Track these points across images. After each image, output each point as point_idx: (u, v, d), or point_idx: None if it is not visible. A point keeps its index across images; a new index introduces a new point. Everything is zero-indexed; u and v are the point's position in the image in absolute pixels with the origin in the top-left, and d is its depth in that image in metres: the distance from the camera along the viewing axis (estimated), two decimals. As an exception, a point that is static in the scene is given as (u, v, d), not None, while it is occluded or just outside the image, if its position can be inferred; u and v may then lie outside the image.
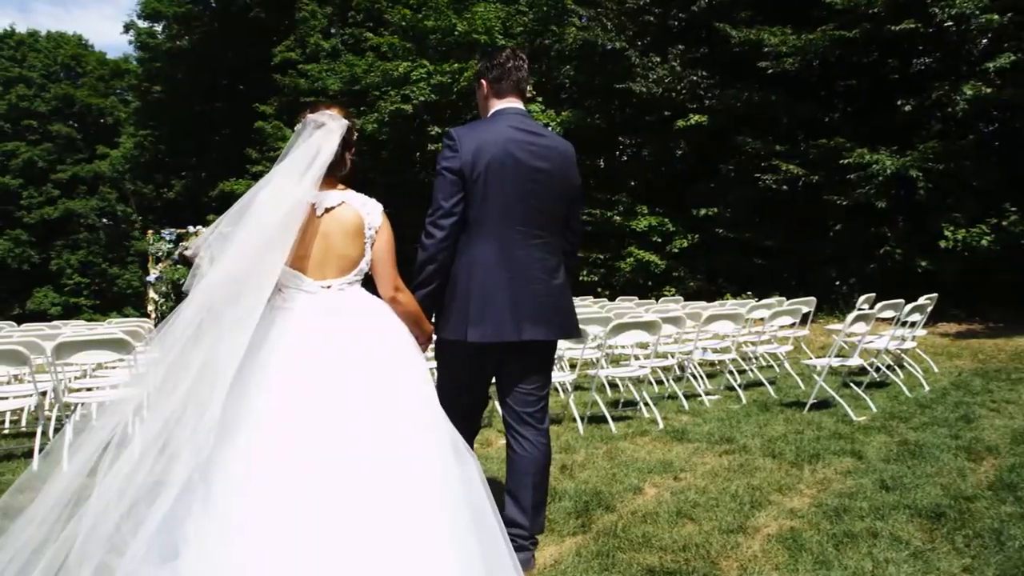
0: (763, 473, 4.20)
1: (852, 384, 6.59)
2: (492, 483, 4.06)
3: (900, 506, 3.53)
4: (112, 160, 33.33)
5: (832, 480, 4.07)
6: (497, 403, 3.20)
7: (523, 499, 2.92)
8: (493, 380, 3.14)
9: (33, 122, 37.71)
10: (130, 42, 32.36)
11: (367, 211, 2.55)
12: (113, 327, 7.06)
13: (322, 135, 2.50)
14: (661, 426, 5.53)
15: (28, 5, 79.00)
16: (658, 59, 16.78)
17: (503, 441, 5.22)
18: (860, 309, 7.84)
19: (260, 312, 2.33)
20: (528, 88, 3.08)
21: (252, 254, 2.32)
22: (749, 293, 16.69)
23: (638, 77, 16.63)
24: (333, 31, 25.54)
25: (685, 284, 18.46)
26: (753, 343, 8.08)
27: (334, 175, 2.55)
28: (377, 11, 23.15)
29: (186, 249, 2.58)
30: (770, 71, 14.76)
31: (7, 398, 5.41)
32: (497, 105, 3.01)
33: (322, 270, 2.50)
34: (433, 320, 2.93)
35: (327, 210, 2.51)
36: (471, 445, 2.87)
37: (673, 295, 17.89)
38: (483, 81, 3.05)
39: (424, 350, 2.65)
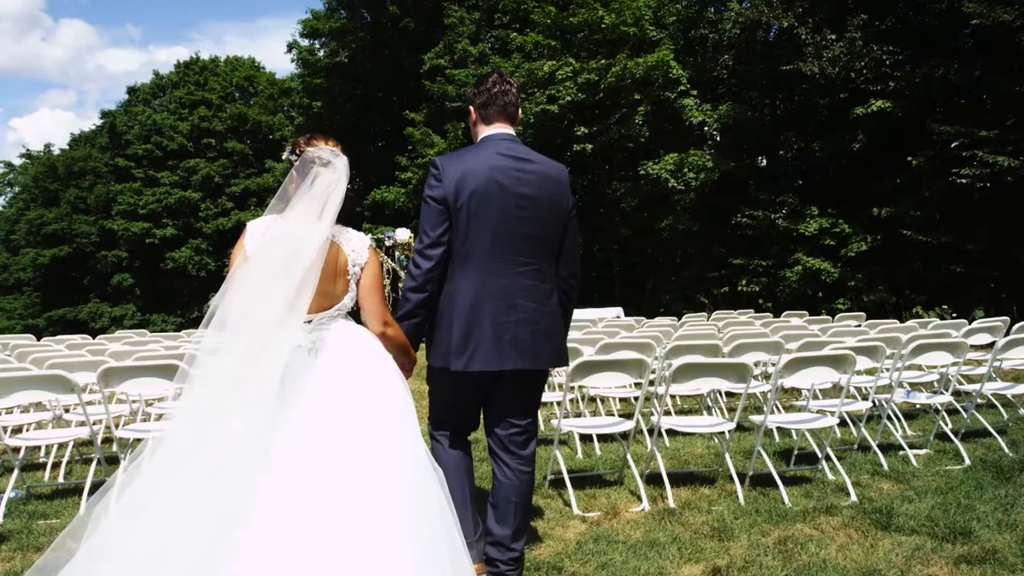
0: (1035, 606, 2.70)
1: None
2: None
3: None
4: (276, 174, 35.10)
5: None
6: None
7: (506, 520, 2.91)
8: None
9: (212, 140, 40.65)
10: (292, 60, 33.86)
11: (352, 247, 2.51)
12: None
13: (330, 174, 2.45)
14: (854, 498, 4.06)
15: (222, 38, 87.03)
16: (833, 36, 14.66)
17: (634, 507, 4.00)
18: None
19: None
20: (519, 113, 3.05)
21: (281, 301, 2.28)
22: (945, 307, 14.22)
23: (809, 57, 14.58)
24: (481, 36, 25.23)
25: (862, 295, 16.15)
26: (969, 377, 6.29)
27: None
28: (523, 12, 22.51)
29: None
30: (976, 23, 12.23)
31: (73, 425, 4.91)
32: (485, 131, 2.97)
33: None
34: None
35: None
36: (469, 453, 3.06)
37: (847, 308, 15.70)
38: (471, 108, 3.02)
39: (408, 376, 2.64)
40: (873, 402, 5.47)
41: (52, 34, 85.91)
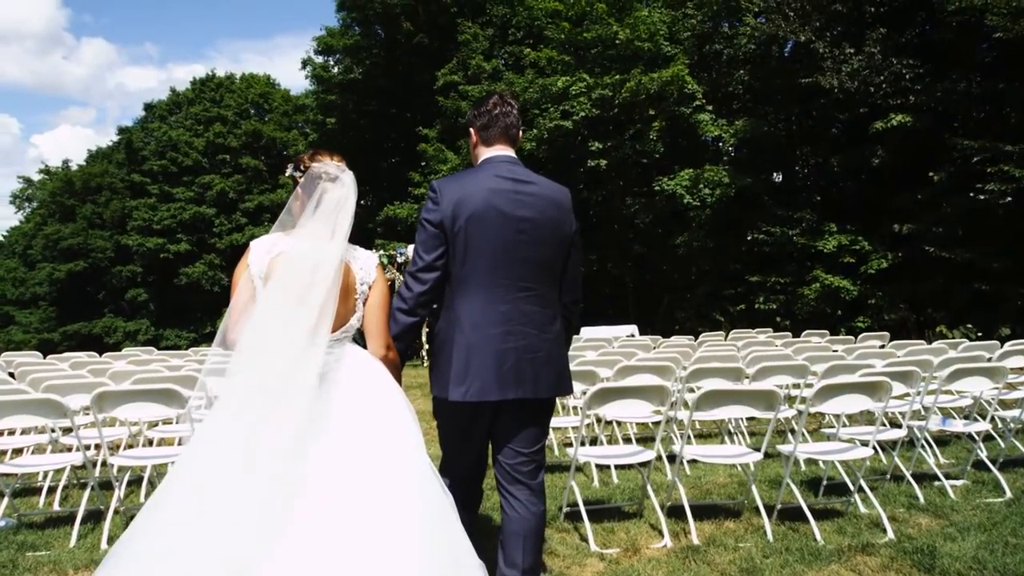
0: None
1: None
2: None
3: None
4: (290, 189, 35.18)
5: None
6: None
7: (515, 560, 2.76)
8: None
9: (226, 156, 40.84)
10: (306, 77, 33.97)
11: (360, 266, 2.47)
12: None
13: (338, 189, 2.40)
14: (891, 535, 3.81)
15: (238, 56, 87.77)
16: (851, 50, 14.43)
17: (655, 543, 3.76)
18: None
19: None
20: (520, 135, 2.96)
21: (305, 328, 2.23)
22: (969, 326, 13.87)
23: (827, 71, 14.35)
24: (495, 52, 25.18)
25: (883, 314, 15.80)
26: (1004, 402, 6.00)
27: None
28: (537, 27, 22.44)
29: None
30: (998, 35, 11.98)
31: (74, 450, 4.71)
32: (485, 153, 2.88)
33: None
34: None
35: None
36: (470, 510, 2.90)
37: (867, 326, 15.34)
38: (472, 130, 2.95)
39: None
40: (906, 430, 5.21)
41: (74, 52, 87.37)
